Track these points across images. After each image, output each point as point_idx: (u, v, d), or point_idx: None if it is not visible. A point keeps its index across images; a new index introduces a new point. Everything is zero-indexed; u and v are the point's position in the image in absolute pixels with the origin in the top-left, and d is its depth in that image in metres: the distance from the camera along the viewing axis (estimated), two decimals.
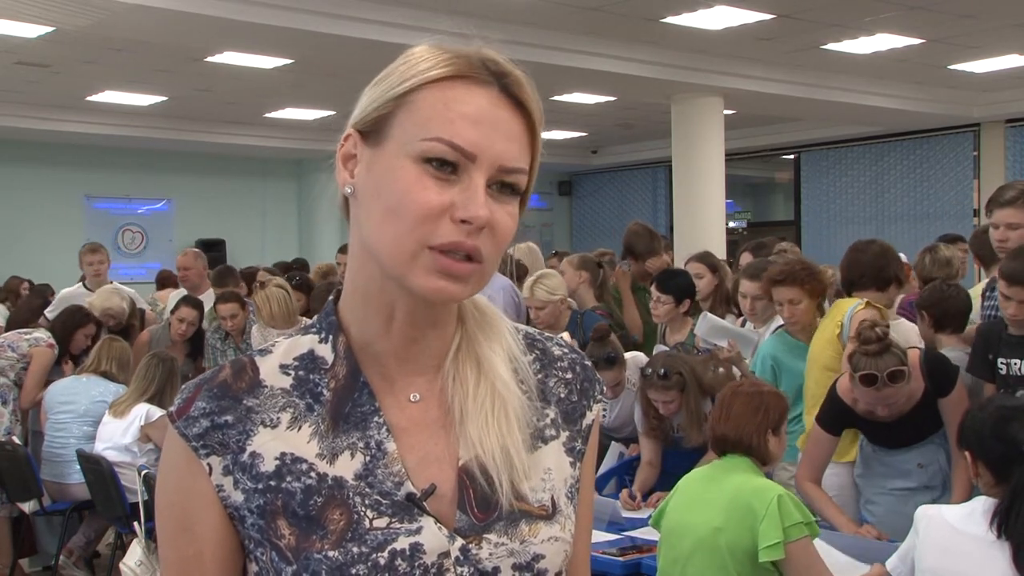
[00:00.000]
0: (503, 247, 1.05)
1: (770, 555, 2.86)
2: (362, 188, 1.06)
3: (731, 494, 3.00)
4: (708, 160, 10.73)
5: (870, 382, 3.46)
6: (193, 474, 1.06)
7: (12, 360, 5.78)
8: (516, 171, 1.04)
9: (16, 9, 7.44)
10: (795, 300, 4.19)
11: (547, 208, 17.68)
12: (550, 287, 5.22)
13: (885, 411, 3.56)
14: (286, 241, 14.90)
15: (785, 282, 4.21)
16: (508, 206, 1.04)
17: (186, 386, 1.10)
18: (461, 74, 1.04)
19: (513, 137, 1.04)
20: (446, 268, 1.01)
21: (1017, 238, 4.01)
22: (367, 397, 1.08)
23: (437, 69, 1.03)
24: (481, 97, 1.03)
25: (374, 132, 1.05)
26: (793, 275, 4.20)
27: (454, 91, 1.03)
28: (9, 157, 13.20)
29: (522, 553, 1.06)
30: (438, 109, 1.02)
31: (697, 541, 3.01)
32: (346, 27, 7.79)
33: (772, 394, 3.23)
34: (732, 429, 3.10)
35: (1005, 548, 2.55)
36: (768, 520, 2.87)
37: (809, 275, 4.21)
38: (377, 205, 1.03)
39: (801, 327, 4.29)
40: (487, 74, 1.04)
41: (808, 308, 4.21)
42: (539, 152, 1.08)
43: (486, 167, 1.02)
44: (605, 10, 8.38)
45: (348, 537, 1.02)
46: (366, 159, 1.06)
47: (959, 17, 8.77)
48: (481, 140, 1.01)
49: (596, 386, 1.20)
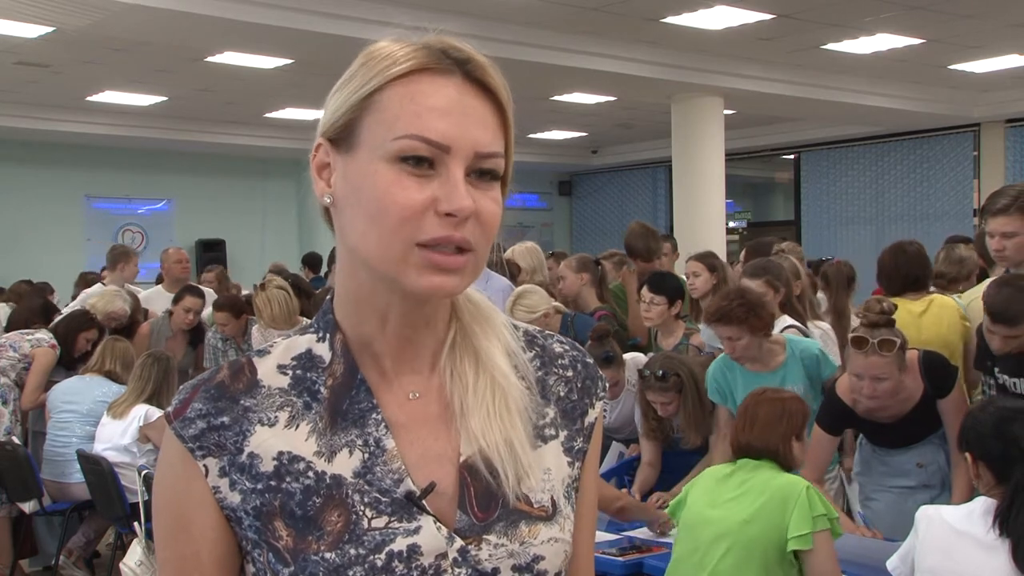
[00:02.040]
0: (492, 233, 1.04)
1: (800, 544, 2.92)
2: (341, 196, 1.05)
3: (760, 487, 3.05)
4: (708, 160, 10.74)
5: (860, 344, 3.46)
6: (189, 475, 1.06)
7: (13, 360, 5.78)
8: (492, 156, 1.03)
9: (16, 9, 7.45)
10: (734, 337, 3.98)
11: (547, 208, 17.68)
12: (529, 305, 5.11)
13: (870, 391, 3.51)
14: (286, 241, 14.90)
15: (721, 321, 3.98)
16: (491, 192, 1.03)
17: (184, 387, 1.10)
18: (423, 67, 1.02)
19: (484, 123, 1.03)
20: (438, 263, 1.00)
21: (1013, 247, 3.91)
22: (365, 394, 1.08)
23: (398, 65, 1.02)
24: (446, 87, 1.02)
25: (344, 139, 1.04)
26: (729, 314, 3.96)
27: (418, 85, 1.02)
28: (9, 157, 13.20)
29: (522, 554, 1.06)
30: (405, 106, 1.01)
31: (721, 533, 3.05)
32: (346, 27, 7.79)
33: (794, 399, 3.26)
34: (758, 438, 3.15)
35: (1005, 549, 2.55)
36: (799, 510, 2.94)
37: (747, 311, 3.93)
38: (359, 212, 1.02)
39: (747, 360, 4.09)
40: (449, 62, 1.03)
41: (750, 343, 3.98)
42: (512, 134, 1.07)
43: (462, 156, 1.01)
44: (605, 10, 8.38)
45: (345, 539, 1.02)
46: (340, 167, 1.05)
47: (959, 17, 8.77)
48: (452, 130, 1.00)
49: (598, 384, 1.19)
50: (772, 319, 4.03)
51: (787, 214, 15.63)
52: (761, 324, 3.96)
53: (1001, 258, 3.99)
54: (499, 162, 1.04)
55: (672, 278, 5.35)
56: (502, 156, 1.05)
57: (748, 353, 4.01)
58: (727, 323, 3.95)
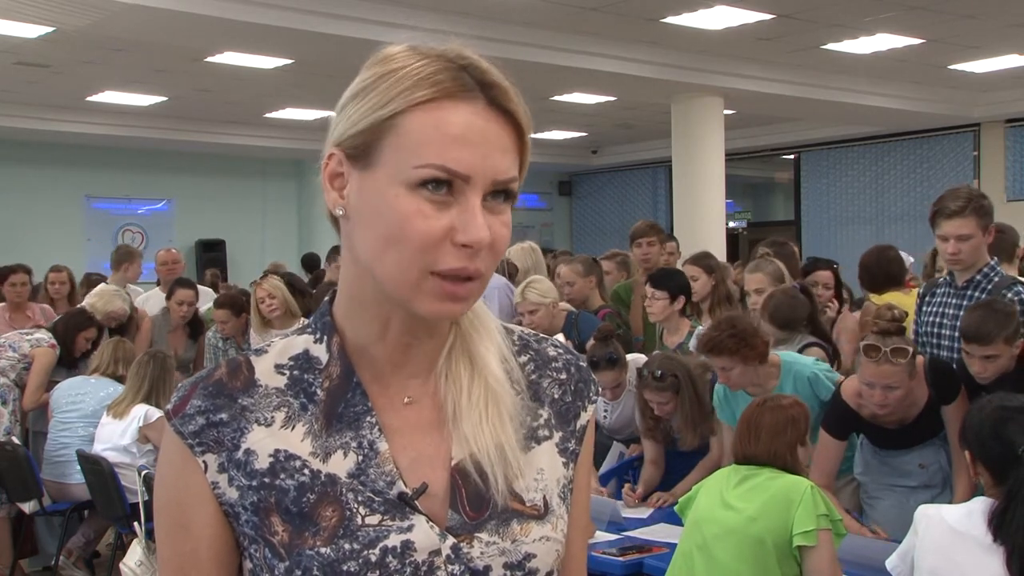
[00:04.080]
0: (500, 257, 1.05)
1: (804, 540, 2.96)
2: (355, 210, 1.05)
3: (765, 486, 3.09)
4: (708, 160, 10.74)
5: (873, 353, 3.46)
6: (188, 471, 1.07)
7: (13, 360, 5.78)
8: (509, 181, 1.04)
9: (16, 9, 7.45)
10: (727, 367, 3.93)
11: (547, 208, 17.68)
12: (541, 290, 5.21)
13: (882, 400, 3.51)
14: (286, 241, 14.91)
15: (713, 352, 3.94)
16: (502, 216, 1.04)
17: (182, 384, 1.11)
18: (447, 93, 1.02)
19: (504, 149, 1.03)
20: (451, 293, 1.02)
21: (969, 249, 3.80)
22: (360, 397, 1.09)
23: (421, 90, 1.01)
24: (469, 114, 1.01)
25: (362, 156, 1.04)
26: (719, 345, 3.88)
27: (442, 112, 1.01)
28: (9, 157, 13.20)
29: (513, 552, 1.07)
30: (428, 134, 1.00)
31: (726, 530, 3.08)
32: (346, 27, 7.79)
33: (795, 405, 3.27)
34: (764, 450, 3.16)
35: (1001, 550, 2.55)
36: (803, 507, 2.98)
37: (738, 342, 3.86)
38: (374, 231, 1.03)
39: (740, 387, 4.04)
40: (472, 84, 1.03)
41: (744, 372, 3.92)
42: (528, 155, 1.07)
43: (481, 185, 1.01)
44: (605, 10, 8.38)
45: (340, 534, 1.03)
46: (355, 182, 1.05)
47: (959, 17, 8.77)
48: (474, 159, 1.00)
49: (591, 387, 1.20)
50: (766, 347, 3.96)
51: (787, 214, 15.63)
52: (754, 353, 3.90)
53: (955, 262, 3.86)
54: (514, 187, 1.05)
55: (676, 274, 5.35)
56: (517, 179, 1.05)
57: (743, 381, 3.94)
58: (718, 354, 3.91)
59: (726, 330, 3.92)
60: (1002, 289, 3.79)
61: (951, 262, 3.90)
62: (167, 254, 7.52)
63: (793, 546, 2.98)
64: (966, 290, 3.89)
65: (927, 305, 4.09)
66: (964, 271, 3.89)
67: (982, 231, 3.81)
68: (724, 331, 3.91)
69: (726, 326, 3.95)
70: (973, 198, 3.83)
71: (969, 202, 3.79)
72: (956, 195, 3.86)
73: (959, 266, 3.89)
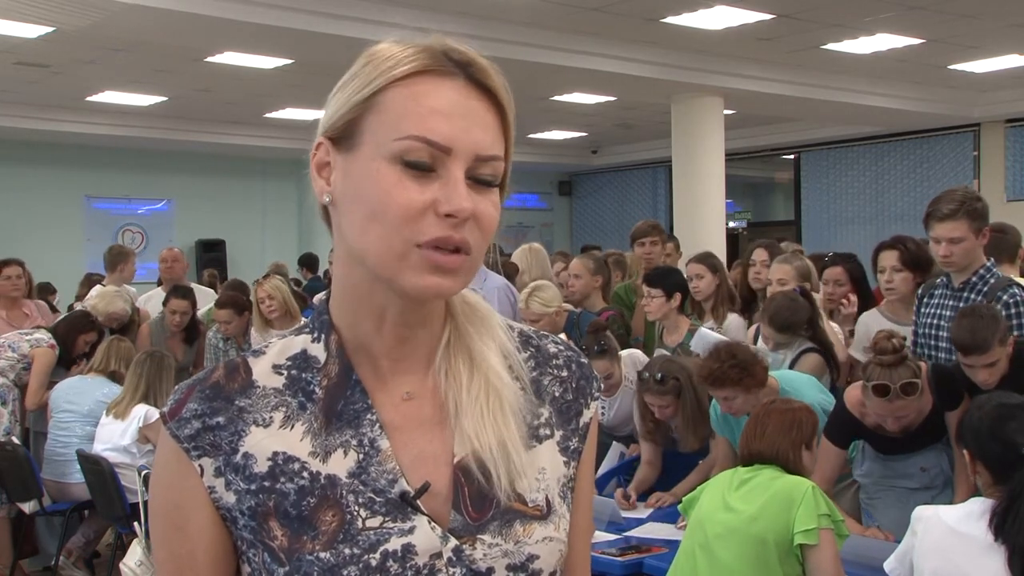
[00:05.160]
0: (488, 237, 1.05)
1: (806, 539, 2.96)
2: (341, 195, 1.05)
3: (767, 485, 3.10)
4: (708, 160, 10.74)
5: (883, 393, 3.44)
6: (185, 475, 1.06)
7: (12, 360, 5.78)
8: (492, 159, 1.04)
9: (16, 9, 7.44)
10: (729, 397, 3.92)
11: (547, 208, 17.68)
12: (545, 299, 5.18)
13: (895, 425, 3.53)
14: (286, 241, 14.90)
15: (715, 384, 3.92)
16: (490, 196, 1.04)
17: (179, 387, 1.10)
18: (426, 68, 1.03)
19: (485, 125, 1.04)
20: (437, 263, 1.01)
21: (961, 252, 3.81)
22: (360, 395, 1.08)
23: (402, 66, 1.02)
24: (449, 89, 1.03)
25: (345, 138, 1.05)
26: (722, 377, 3.86)
27: (421, 86, 1.02)
28: (9, 157, 13.20)
29: (516, 553, 1.06)
30: (408, 107, 1.01)
31: (728, 529, 3.09)
32: (346, 27, 7.79)
33: (803, 410, 3.28)
34: (768, 447, 3.17)
35: (1002, 549, 2.54)
36: (804, 507, 2.98)
37: (741, 372, 3.84)
38: (359, 210, 1.03)
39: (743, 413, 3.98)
40: (452, 65, 1.04)
41: (745, 400, 3.90)
42: (512, 137, 1.07)
43: (463, 159, 1.01)
44: (605, 10, 8.38)
45: (340, 538, 1.02)
46: (340, 166, 1.05)
47: (959, 17, 8.77)
48: (454, 132, 1.01)
49: (592, 384, 1.20)
50: (765, 372, 3.94)
51: (787, 214, 15.63)
52: (755, 382, 3.89)
53: (948, 264, 3.89)
54: (499, 167, 1.05)
55: (671, 272, 5.35)
56: (502, 160, 1.05)
57: (745, 408, 3.90)
58: (721, 386, 3.89)
59: (727, 360, 3.87)
60: (998, 291, 3.81)
61: (944, 264, 3.93)
62: (168, 252, 7.50)
63: (794, 545, 2.98)
64: (963, 291, 3.91)
65: (925, 307, 4.10)
66: (959, 273, 3.91)
67: (975, 234, 3.81)
68: (725, 361, 3.87)
69: (726, 356, 3.90)
70: (966, 201, 3.84)
71: (962, 205, 3.80)
72: (950, 198, 3.87)
73: (952, 268, 3.92)
